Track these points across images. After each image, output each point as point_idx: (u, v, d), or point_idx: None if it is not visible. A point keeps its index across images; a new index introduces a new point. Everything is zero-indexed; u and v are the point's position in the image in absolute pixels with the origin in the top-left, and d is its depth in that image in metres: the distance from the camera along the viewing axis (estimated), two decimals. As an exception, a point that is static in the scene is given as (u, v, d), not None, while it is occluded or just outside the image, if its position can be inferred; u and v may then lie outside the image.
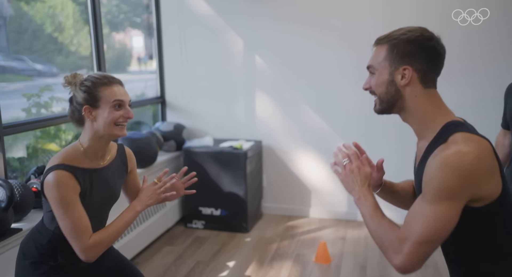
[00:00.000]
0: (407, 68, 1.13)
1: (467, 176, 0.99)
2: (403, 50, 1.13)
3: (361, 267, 2.90)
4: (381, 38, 1.20)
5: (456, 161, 1.00)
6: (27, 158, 2.84)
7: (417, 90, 1.14)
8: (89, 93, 1.41)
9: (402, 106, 1.17)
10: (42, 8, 2.89)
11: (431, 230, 1.01)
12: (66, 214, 1.35)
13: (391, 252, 1.07)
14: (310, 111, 3.70)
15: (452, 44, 3.28)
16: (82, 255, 1.36)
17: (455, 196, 1.00)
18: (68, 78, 1.45)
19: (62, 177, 1.35)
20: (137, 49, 4.31)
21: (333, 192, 3.76)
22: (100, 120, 1.42)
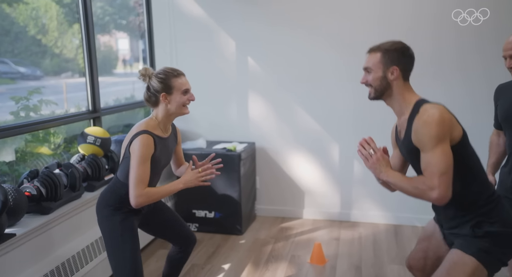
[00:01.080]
0: (395, 68, 1.66)
1: (441, 124, 1.52)
2: (392, 56, 1.67)
3: (356, 267, 2.92)
4: (374, 48, 1.71)
5: (431, 119, 1.53)
6: (16, 162, 2.79)
7: (400, 82, 1.68)
8: (164, 84, 1.90)
9: (389, 94, 1.69)
10: (25, 10, 2.84)
11: (443, 163, 1.51)
12: (138, 166, 1.80)
13: (428, 191, 1.52)
14: (303, 113, 3.71)
15: (452, 44, 3.35)
16: (134, 199, 1.81)
17: (442, 138, 1.52)
18: (141, 71, 1.92)
19: (147, 140, 1.83)
20: (123, 52, 4.28)
21: (326, 193, 3.78)
22: (173, 103, 1.92)
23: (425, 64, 3.39)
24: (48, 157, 2.95)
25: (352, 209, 3.75)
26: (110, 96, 3.73)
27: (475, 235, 1.59)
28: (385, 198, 3.61)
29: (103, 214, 1.96)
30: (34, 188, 2.25)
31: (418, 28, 3.38)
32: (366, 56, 1.72)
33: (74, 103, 3.34)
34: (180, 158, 2.21)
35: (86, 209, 2.59)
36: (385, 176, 1.66)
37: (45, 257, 2.25)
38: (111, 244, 1.92)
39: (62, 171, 2.49)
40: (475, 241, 1.59)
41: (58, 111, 3.05)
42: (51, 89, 3.18)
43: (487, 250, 1.57)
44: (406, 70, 1.68)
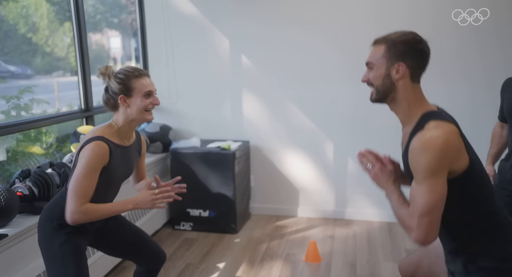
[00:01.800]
0: (401, 65, 1.36)
1: (441, 154, 1.25)
2: (398, 49, 1.36)
3: (351, 265, 2.92)
4: (379, 39, 1.42)
5: (431, 144, 1.25)
6: (8, 161, 2.76)
7: (407, 84, 1.38)
8: (124, 85, 1.67)
9: (394, 97, 1.40)
10: (15, 8, 2.80)
11: (427, 202, 1.26)
12: (83, 176, 1.58)
13: (407, 230, 1.32)
14: (297, 111, 3.71)
15: (452, 44, 3.36)
16: (69, 214, 1.58)
17: (437, 171, 1.26)
18: (101, 70, 1.69)
19: (101, 148, 1.61)
20: (115, 50, 4.24)
21: (320, 191, 3.78)
22: (133, 107, 1.69)
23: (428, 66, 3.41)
24: (40, 157, 2.91)
25: (347, 207, 3.76)
26: (103, 95, 3.69)
27: (467, 271, 1.38)
28: (380, 196, 3.62)
29: (44, 230, 1.70)
30: (26, 187, 2.22)
31: (418, 28, 3.32)
32: (370, 49, 1.45)
33: (65, 102, 3.31)
34: (142, 171, 1.95)
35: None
36: (385, 192, 1.44)
37: (37, 257, 2.21)
38: (50, 267, 1.67)
39: (55, 171, 2.46)
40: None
41: (50, 110, 3.02)
42: (42, 88, 3.15)
43: None
44: (416, 69, 1.38)
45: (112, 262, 2.78)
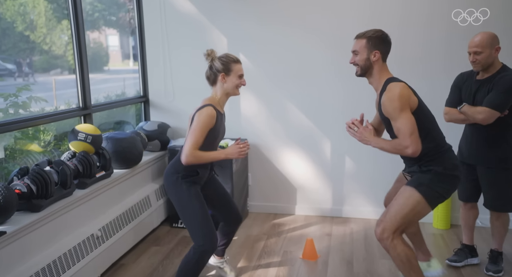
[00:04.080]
0: (377, 52, 2.13)
1: (401, 98, 2.02)
2: (374, 42, 2.13)
3: (348, 262, 2.94)
4: (360, 35, 2.18)
5: (392, 95, 2.03)
6: (6, 159, 2.76)
7: (380, 63, 2.15)
8: (226, 66, 2.26)
9: (371, 73, 2.16)
10: (12, 6, 2.79)
11: (409, 125, 2.01)
12: (197, 131, 2.14)
13: (404, 149, 2.02)
14: (295, 109, 3.72)
15: (452, 44, 3.37)
16: (185, 157, 2.14)
17: (403, 108, 2.02)
18: (208, 51, 2.29)
19: (212, 111, 2.18)
20: (113, 48, 4.24)
21: (318, 189, 3.80)
22: (229, 83, 2.28)
23: (423, 65, 3.42)
24: (38, 154, 2.92)
25: (344, 204, 3.78)
26: (101, 94, 3.70)
27: (421, 170, 2.11)
28: (376, 194, 3.64)
29: (170, 180, 2.25)
30: (25, 185, 2.22)
31: (418, 28, 3.41)
32: (353, 41, 2.18)
33: (63, 100, 3.30)
34: None
35: (77, 206, 2.57)
36: (373, 143, 2.13)
37: (35, 255, 2.23)
38: (181, 207, 2.22)
39: (53, 168, 2.47)
40: (419, 176, 2.11)
41: (48, 108, 3.02)
42: (40, 86, 3.15)
43: (424, 182, 2.08)
44: (385, 54, 2.15)
45: (110, 259, 2.80)
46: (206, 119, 2.15)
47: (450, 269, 2.82)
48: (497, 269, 2.71)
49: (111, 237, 2.80)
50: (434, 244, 3.19)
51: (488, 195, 2.68)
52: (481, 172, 2.68)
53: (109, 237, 2.78)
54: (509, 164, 2.61)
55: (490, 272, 2.72)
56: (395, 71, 3.63)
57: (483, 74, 2.63)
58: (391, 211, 2.09)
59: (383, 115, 2.11)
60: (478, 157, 2.67)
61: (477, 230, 3.33)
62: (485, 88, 2.58)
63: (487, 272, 2.73)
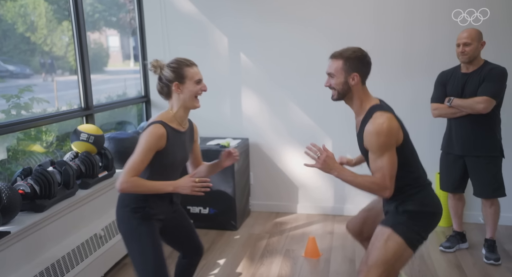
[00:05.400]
0: (356, 75, 1.86)
1: (388, 134, 1.77)
2: (352, 63, 1.85)
3: (350, 260, 2.95)
4: (336, 55, 1.89)
5: (379, 129, 1.77)
6: (9, 160, 2.77)
7: (359, 87, 1.89)
8: (177, 73, 1.85)
9: (350, 97, 1.91)
10: (13, 7, 2.80)
11: (392, 168, 1.79)
12: (137, 154, 1.75)
13: (381, 191, 1.81)
14: (296, 108, 3.73)
15: (452, 44, 3.35)
16: (119, 184, 1.74)
17: (389, 146, 1.78)
18: (152, 63, 1.89)
19: (158, 129, 1.77)
20: (114, 49, 4.25)
21: (319, 187, 3.80)
22: (186, 93, 1.86)
23: (424, 64, 3.43)
24: (40, 155, 2.93)
25: (346, 203, 3.79)
26: (102, 94, 3.71)
27: (397, 211, 1.89)
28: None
29: (118, 215, 1.89)
30: (28, 185, 2.23)
31: (418, 28, 3.41)
32: (328, 61, 1.91)
33: (65, 101, 3.32)
34: (197, 157, 2.11)
35: (80, 206, 2.58)
36: (336, 173, 1.86)
37: (39, 255, 2.24)
38: (129, 248, 1.85)
39: (56, 169, 2.48)
40: (396, 216, 1.89)
41: (49, 109, 3.03)
42: (41, 87, 3.16)
43: (402, 222, 1.85)
44: (365, 76, 1.89)
45: (113, 259, 2.81)
46: (150, 139, 1.75)
47: (444, 254, 2.98)
48: (496, 257, 2.83)
49: (114, 237, 2.81)
50: (437, 241, 3.19)
51: (479, 183, 2.81)
52: (470, 161, 2.81)
53: (112, 237, 2.79)
54: (497, 152, 2.77)
55: (491, 260, 2.82)
56: (397, 71, 3.64)
57: (468, 68, 2.76)
58: (371, 257, 1.82)
59: (362, 145, 1.89)
60: (466, 147, 2.79)
61: (479, 226, 3.34)
62: (474, 80, 2.71)
63: (487, 261, 2.83)
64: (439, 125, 3.12)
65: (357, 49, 1.87)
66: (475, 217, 3.42)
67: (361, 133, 1.87)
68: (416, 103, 3.42)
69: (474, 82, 2.71)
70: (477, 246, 3.07)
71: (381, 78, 3.31)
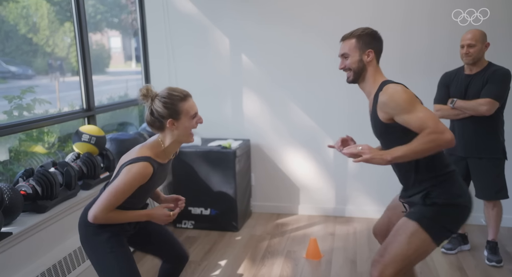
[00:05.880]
0: (371, 51, 1.82)
1: (407, 92, 1.71)
2: (365, 40, 1.83)
3: (351, 262, 2.95)
4: (348, 35, 1.86)
5: (395, 90, 1.71)
6: (10, 161, 2.78)
7: (374, 64, 1.84)
8: (171, 109, 1.69)
9: (364, 76, 1.84)
10: (15, 9, 2.81)
11: (431, 114, 1.66)
12: (120, 190, 1.66)
13: (441, 136, 1.60)
14: (297, 109, 3.73)
15: (452, 44, 3.36)
16: (92, 216, 1.68)
17: (415, 100, 1.69)
18: (143, 91, 1.71)
19: (146, 170, 1.67)
20: (116, 50, 4.26)
21: (321, 188, 3.80)
22: (181, 129, 1.73)
23: (424, 64, 3.43)
24: (42, 156, 2.93)
25: (347, 204, 3.79)
26: (104, 95, 3.71)
27: (425, 203, 1.74)
28: (379, 193, 3.64)
29: (83, 232, 1.79)
30: (30, 186, 2.24)
31: (418, 28, 3.41)
32: (340, 45, 1.88)
33: (67, 102, 3.32)
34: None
35: (81, 207, 2.56)
36: (390, 155, 1.63)
37: (41, 255, 2.25)
38: (99, 265, 1.76)
39: (58, 170, 2.49)
40: (422, 209, 1.74)
41: (51, 110, 3.04)
42: (43, 88, 3.17)
43: (429, 217, 1.71)
44: (379, 53, 1.85)
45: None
46: (135, 178, 1.65)
47: (446, 256, 2.98)
48: (498, 259, 2.83)
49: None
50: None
51: (481, 185, 2.81)
52: (472, 163, 2.81)
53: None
54: (499, 153, 2.77)
55: (493, 262, 2.82)
56: (397, 69, 3.65)
57: (472, 69, 2.76)
58: (390, 250, 1.69)
59: (378, 120, 1.75)
60: (469, 148, 2.79)
61: (481, 228, 3.34)
62: (478, 81, 2.71)
63: (489, 263, 2.84)
64: (441, 127, 3.12)
65: (367, 27, 1.85)
66: (477, 219, 3.41)
67: (375, 109, 1.76)
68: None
69: (478, 83, 2.71)
70: (479, 248, 3.07)
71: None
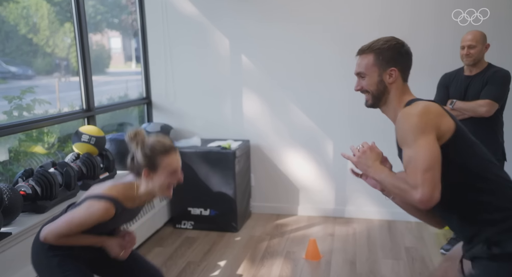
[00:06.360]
0: (394, 70, 1.43)
1: (424, 114, 1.31)
2: (387, 56, 1.44)
3: (351, 263, 2.95)
4: (365, 49, 1.47)
5: (412, 110, 1.34)
6: (10, 161, 2.78)
7: (399, 85, 1.45)
8: (150, 160, 1.59)
9: (386, 99, 1.46)
10: (16, 9, 2.82)
11: (426, 157, 1.26)
12: (76, 224, 1.57)
13: (411, 191, 1.26)
14: (297, 110, 3.73)
15: (452, 44, 3.36)
16: (43, 238, 1.59)
17: (425, 129, 1.29)
18: (130, 135, 1.60)
19: (107, 212, 1.56)
20: (116, 50, 4.26)
21: (321, 189, 3.80)
22: (156, 182, 1.61)
23: (425, 64, 3.43)
24: (42, 156, 2.94)
25: (347, 205, 3.79)
26: (104, 96, 3.72)
27: (491, 253, 1.27)
28: (379, 194, 3.61)
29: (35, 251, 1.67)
30: (29, 186, 2.24)
31: (418, 28, 3.41)
32: (356, 60, 1.51)
33: (67, 102, 3.33)
34: None
35: (81, 207, 2.58)
36: (372, 171, 1.41)
37: (41, 256, 2.25)
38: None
39: (57, 170, 2.49)
40: (492, 267, 1.27)
41: (51, 110, 3.04)
42: (43, 88, 3.17)
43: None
44: (405, 70, 1.46)
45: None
46: (93, 216, 1.55)
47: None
48: None
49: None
50: (438, 244, 3.19)
51: None
52: None
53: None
54: (498, 155, 2.75)
55: None
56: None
57: (472, 70, 2.76)
58: None
59: (398, 146, 1.43)
60: None
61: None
62: (477, 83, 2.71)
63: None
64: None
65: (391, 38, 1.47)
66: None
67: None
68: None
69: (477, 85, 2.71)
70: (478, 249, 3.07)
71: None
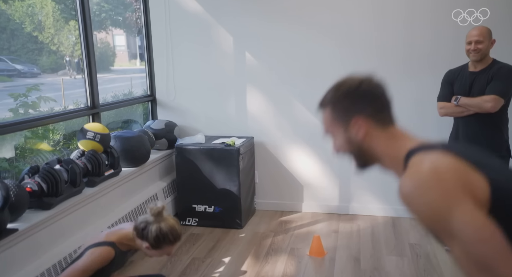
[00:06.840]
0: (357, 119, 1.07)
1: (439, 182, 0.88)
2: (342, 105, 1.11)
3: (355, 259, 2.95)
4: (321, 103, 1.18)
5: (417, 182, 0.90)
6: (16, 158, 2.80)
7: (376, 135, 1.07)
8: (157, 243, 1.91)
9: (374, 156, 1.09)
10: (21, 7, 2.84)
11: (480, 247, 0.85)
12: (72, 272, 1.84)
13: None
14: (301, 107, 3.73)
15: (452, 44, 3.36)
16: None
17: (454, 202, 0.86)
18: (154, 212, 1.90)
19: (107, 255, 1.86)
20: (120, 48, 4.28)
21: (325, 186, 3.80)
22: (153, 254, 1.97)
23: (424, 64, 3.41)
24: (48, 153, 2.96)
25: (351, 202, 3.78)
26: (108, 93, 3.74)
27: None
28: (384, 191, 3.64)
29: None
30: (35, 183, 2.26)
31: (418, 29, 3.40)
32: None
33: (71, 100, 3.35)
34: None
35: (86, 204, 2.61)
36: None
37: (46, 252, 2.27)
38: None
39: (63, 167, 2.51)
40: None
41: (56, 108, 3.06)
42: (48, 86, 3.19)
43: None
44: (377, 113, 1.08)
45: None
46: (97, 260, 1.85)
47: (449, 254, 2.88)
48: None
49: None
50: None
51: None
52: None
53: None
54: (503, 151, 2.74)
55: None
56: (400, 69, 3.60)
57: (476, 66, 2.75)
58: None
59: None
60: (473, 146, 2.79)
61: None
62: (482, 79, 2.70)
63: None
64: (446, 125, 3.11)
65: (342, 81, 1.16)
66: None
67: None
68: (422, 102, 3.40)
69: (482, 81, 2.70)
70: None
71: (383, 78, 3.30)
